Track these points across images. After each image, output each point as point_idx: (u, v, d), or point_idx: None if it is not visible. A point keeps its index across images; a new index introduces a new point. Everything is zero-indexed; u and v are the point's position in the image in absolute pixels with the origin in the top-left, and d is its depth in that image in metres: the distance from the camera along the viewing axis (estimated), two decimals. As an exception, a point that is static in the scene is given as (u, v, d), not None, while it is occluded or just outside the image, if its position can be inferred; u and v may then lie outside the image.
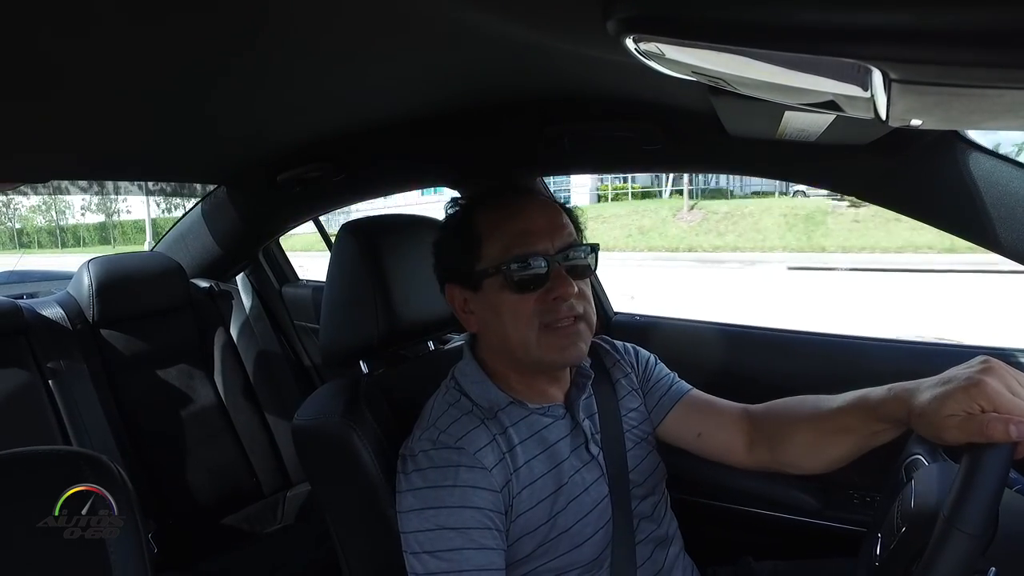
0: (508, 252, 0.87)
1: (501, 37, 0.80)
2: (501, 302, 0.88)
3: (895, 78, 0.42)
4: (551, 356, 0.89)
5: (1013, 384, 0.68)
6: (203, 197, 2.07)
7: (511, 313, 0.88)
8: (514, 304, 0.88)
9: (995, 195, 0.92)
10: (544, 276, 0.87)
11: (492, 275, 0.88)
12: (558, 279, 0.87)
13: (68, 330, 1.79)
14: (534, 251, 0.87)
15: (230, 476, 1.98)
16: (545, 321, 0.87)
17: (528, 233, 0.88)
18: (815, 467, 0.91)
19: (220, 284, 2.17)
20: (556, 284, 0.87)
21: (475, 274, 0.90)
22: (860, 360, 1.36)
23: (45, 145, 1.28)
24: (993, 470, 0.62)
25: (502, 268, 0.87)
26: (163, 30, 0.74)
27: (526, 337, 0.88)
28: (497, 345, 0.93)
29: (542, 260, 0.87)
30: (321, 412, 1.02)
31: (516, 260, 0.87)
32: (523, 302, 0.87)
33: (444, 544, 0.80)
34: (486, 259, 0.89)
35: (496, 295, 0.89)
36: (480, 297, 0.91)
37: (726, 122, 0.95)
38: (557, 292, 0.87)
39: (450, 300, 0.96)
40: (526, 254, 0.87)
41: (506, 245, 0.88)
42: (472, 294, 0.92)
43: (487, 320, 0.92)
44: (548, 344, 0.88)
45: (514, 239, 0.88)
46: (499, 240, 0.88)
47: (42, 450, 0.76)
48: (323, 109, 1.23)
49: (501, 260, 0.87)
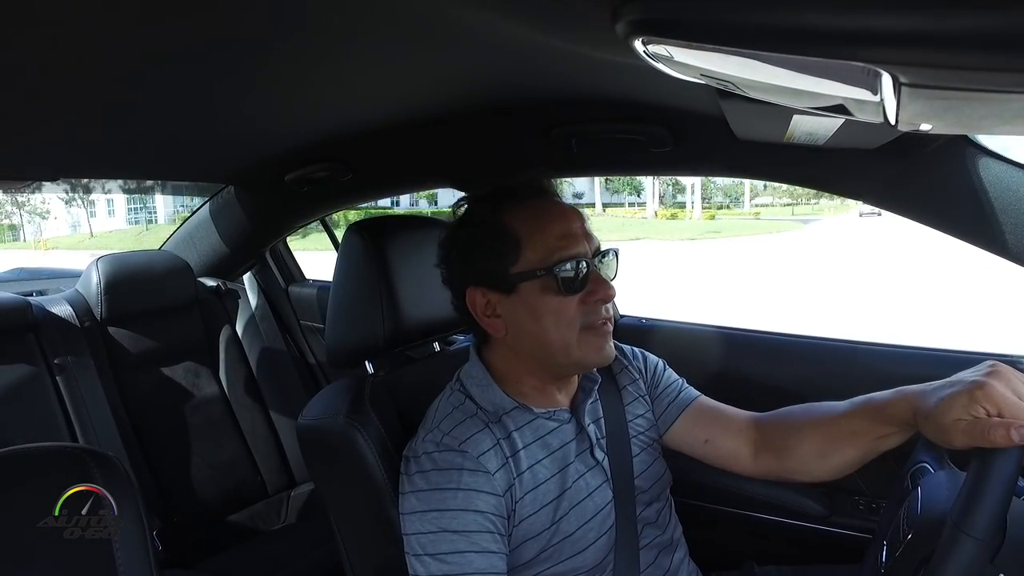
0: (552, 255, 0.87)
1: (510, 39, 0.80)
2: (542, 304, 0.88)
3: (905, 82, 0.42)
4: (591, 356, 0.90)
5: (1019, 388, 0.68)
6: (211, 196, 2.08)
7: (554, 315, 0.87)
8: (558, 306, 0.87)
9: (1005, 201, 0.91)
10: (587, 278, 0.88)
11: (534, 278, 0.87)
12: (598, 282, 0.88)
13: (76, 327, 1.80)
14: (577, 254, 0.87)
15: (234, 475, 1.99)
16: (586, 323, 0.88)
17: (570, 236, 0.88)
18: (822, 474, 0.91)
19: (227, 283, 2.18)
20: (597, 286, 0.88)
21: (510, 277, 0.89)
22: (864, 364, 1.36)
23: (54, 144, 1.29)
24: (1002, 475, 0.62)
25: (551, 270, 0.86)
26: (172, 30, 0.74)
27: (567, 339, 0.88)
28: (527, 348, 0.92)
29: (584, 263, 0.87)
30: (326, 412, 1.02)
31: (562, 262, 0.86)
32: (567, 304, 0.87)
33: (446, 547, 0.80)
34: (525, 261, 0.88)
35: (536, 298, 0.88)
36: (513, 300, 0.89)
37: (734, 125, 0.95)
38: (599, 294, 0.88)
39: (471, 304, 0.93)
40: (570, 256, 0.87)
41: (550, 247, 0.87)
42: (503, 297, 0.90)
43: (520, 323, 0.90)
44: (588, 345, 0.89)
45: (558, 241, 0.87)
46: (543, 241, 0.88)
47: (48, 447, 0.77)
48: (331, 109, 1.23)
49: (544, 263, 0.87)
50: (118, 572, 0.71)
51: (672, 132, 1.19)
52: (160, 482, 1.82)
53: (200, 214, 2.13)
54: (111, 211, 32.32)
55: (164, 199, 27.41)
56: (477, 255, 0.92)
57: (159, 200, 28.31)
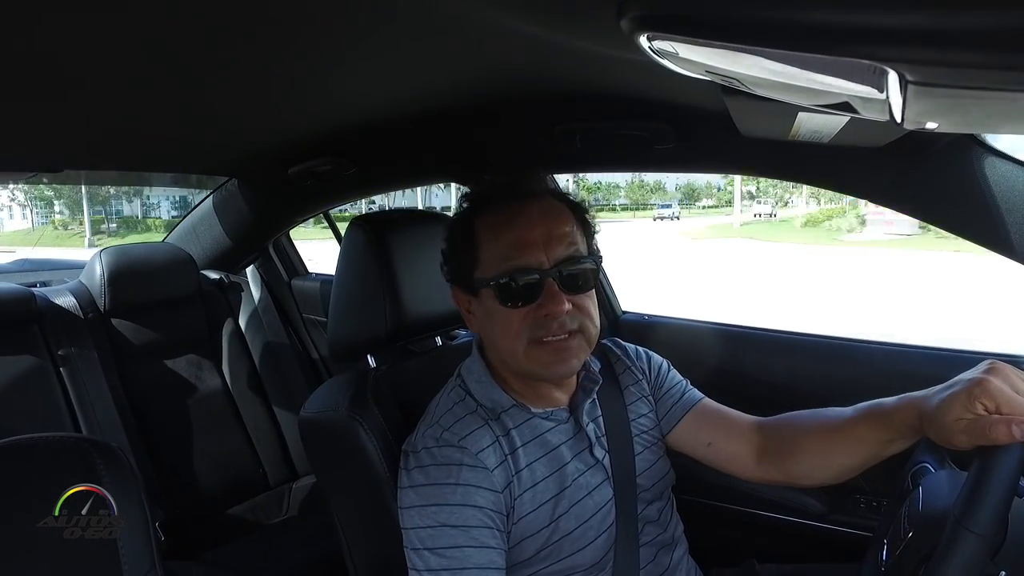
0: (501, 264, 0.86)
1: (514, 34, 0.79)
2: (494, 311, 0.88)
3: (911, 80, 0.42)
4: (538, 371, 0.88)
5: (1018, 384, 0.69)
6: (214, 189, 2.08)
7: (501, 324, 0.87)
8: (504, 316, 0.86)
9: (1011, 200, 0.91)
10: (536, 291, 0.85)
11: (487, 285, 0.87)
12: (550, 295, 0.85)
13: (80, 319, 1.81)
14: (526, 265, 0.85)
15: (236, 467, 2.00)
16: (534, 336, 0.86)
17: (522, 245, 0.85)
18: (825, 479, 0.91)
19: (230, 276, 2.18)
20: (547, 301, 0.85)
21: (473, 281, 0.89)
22: (866, 362, 1.36)
23: (60, 135, 1.29)
24: (1004, 472, 0.62)
25: (493, 281, 0.86)
26: (177, 23, 0.74)
27: (514, 349, 0.87)
28: (493, 351, 0.94)
29: (535, 274, 0.85)
30: (328, 405, 1.02)
31: (507, 274, 0.85)
32: (513, 315, 0.86)
33: (445, 541, 0.81)
34: (482, 267, 0.88)
35: (490, 304, 0.88)
36: (478, 302, 0.91)
37: (739, 122, 0.95)
38: (547, 309, 0.84)
39: (455, 300, 0.96)
40: (518, 268, 0.85)
41: (501, 256, 0.86)
42: (472, 298, 0.92)
43: (483, 326, 0.92)
44: (535, 358, 0.87)
45: (508, 250, 0.86)
46: (495, 250, 0.87)
47: (52, 437, 0.77)
48: (335, 104, 1.23)
49: (495, 271, 0.86)
50: (121, 563, 0.72)
51: (676, 129, 1.18)
52: (162, 474, 1.83)
53: (203, 207, 2.13)
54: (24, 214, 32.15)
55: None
56: (450, 255, 0.94)
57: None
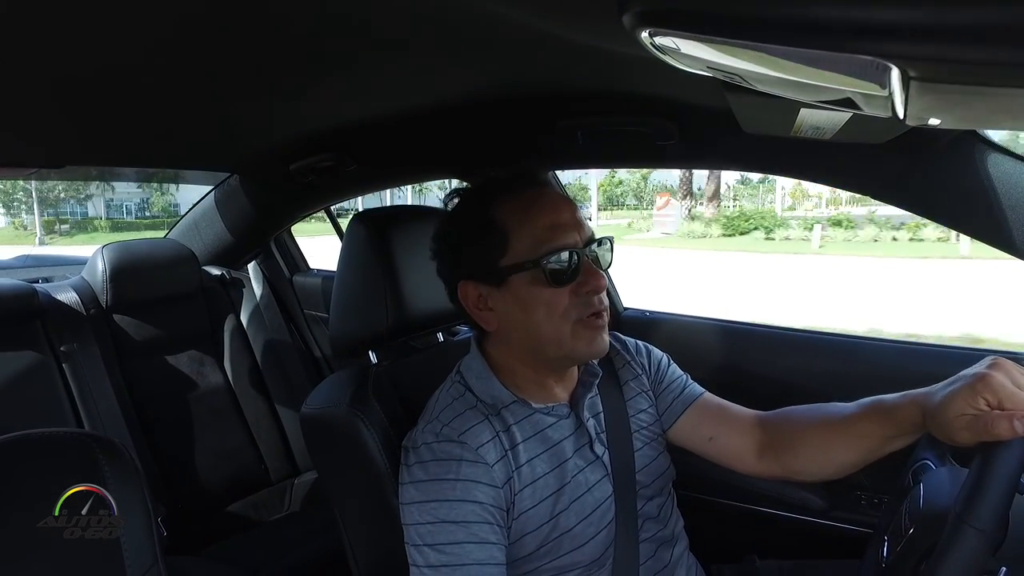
0: (540, 246, 0.86)
1: (515, 29, 0.79)
2: (533, 296, 0.87)
3: (914, 76, 0.42)
4: (583, 349, 0.89)
5: (1019, 379, 0.69)
6: (216, 185, 2.08)
7: (545, 307, 0.87)
8: (549, 298, 0.86)
9: (1014, 197, 0.90)
10: (577, 269, 0.87)
11: (523, 270, 0.86)
12: (589, 272, 0.87)
13: (82, 314, 1.81)
14: (566, 244, 0.86)
15: (238, 463, 2.00)
16: (578, 315, 0.87)
17: (558, 226, 0.87)
18: (826, 474, 0.91)
19: (232, 272, 2.19)
20: (588, 277, 0.87)
21: (499, 270, 0.88)
22: (867, 359, 1.36)
23: (60, 131, 1.29)
24: (1006, 467, 0.62)
25: (538, 262, 0.85)
26: (179, 21, 0.74)
27: (559, 331, 0.87)
28: (519, 341, 0.91)
29: (574, 253, 0.86)
30: (329, 401, 1.02)
31: (549, 254, 0.85)
32: (558, 296, 0.86)
33: (445, 537, 0.81)
34: (514, 254, 0.87)
35: (526, 290, 0.87)
36: (504, 293, 0.89)
37: (741, 119, 0.94)
38: (590, 285, 0.86)
39: (463, 298, 0.93)
40: (559, 247, 0.86)
41: (538, 239, 0.86)
42: (493, 290, 0.90)
43: (512, 316, 0.90)
44: (581, 337, 0.87)
45: (546, 232, 0.86)
46: (529, 234, 0.87)
47: (54, 432, 0.77)
48: (337, 100, 1.23)
49: (532, 254, 0.86)
50: (124, 558, 0.72)
51: (678, 125, 1.18)
52: (164, 469, 1.83)
53: (205, 202, 2.13)
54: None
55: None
56: (467, 248, 0.92)
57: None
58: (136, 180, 4.06)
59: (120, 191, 30.72)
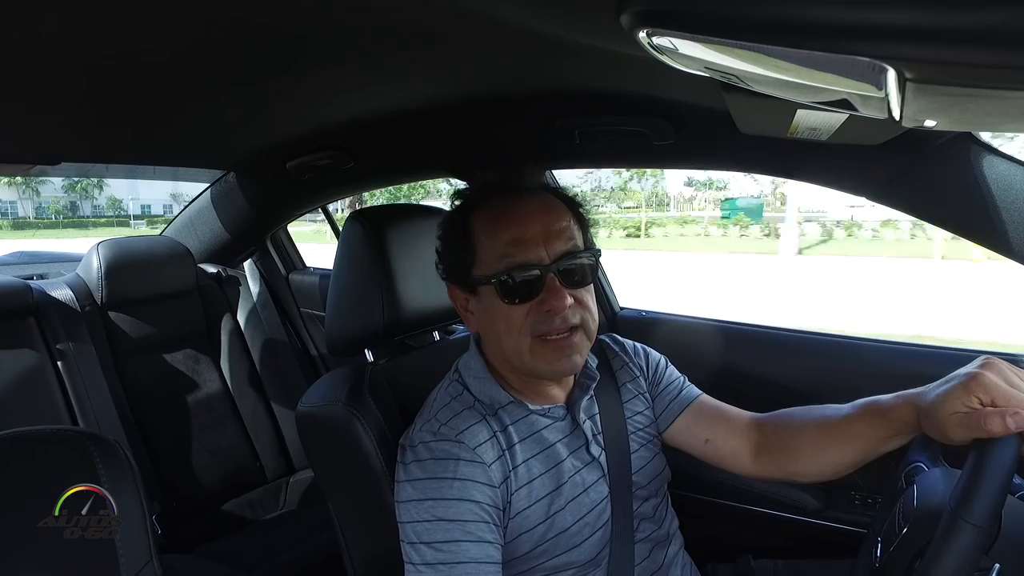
0: (501, 261, 0.85)
1: (514, 29, 0.79)
2: (494, 309, 0.87)
3: (910, 77, 0.42)
4: (543, 367, 0.88)
5: (1011, 377, 0.70)
6: (213, 182, 2.08)
7: (504, 322, 0.87)
8: (507, 313, 0.86)
9: (1008, 199, 0.91)
10: (537, 287, 0.85)
11: (486, 283, 0.87)
12: (551, 291, 0.85)
13: (77, 312, 1.80)
14: (526, 261, 0.85)
15: (234, 461, 2.00)
16: (537, 332, 0.86)
17: (521, 241, 0.85)
18: (822, 476, 0.92)
19: (228, 270, 2.18)
20: (549, 296, 0.85)
21: (472, 279, 0.89)
22: (864, 360, 1.36)
23: (57, 129, 1.29)
24: (999, 463, 0.63)
25: (494, 278, 0.85)
26: (177, 19, 0.74)
27: (519, 346, 0.87)
28: (494, 349, 0.93)
29: (535, 270, 0.85)
30: (325, 399, 1.02)
31: (507, 271, 0.85)
32: (515, 312, 0.86)
33: (441, 535, 0.81)
34: (481, 265, 0.88)
35: (491, 302, 0.87)
36: (477, 301, 0.91)
37: (738, 119, 0.95)
38: (549, 304, 0.84)
39: (452, 299, 0.95)
40: (518, 264, 0.85)
41: (500, 253, 0.86)
42: (470, 296, 0.92)
43: (484, 324, 0.92)
44: (540, 355, 0.87)
45: (507, 247, 0.85)
46: (493, 247, 0.87)
47: (49, 430, 0.77)
48: (335, 98, 1.23)
49: (494, 269, 0.86)
50: (119, 556, 0.72)
51: (675, 125, 1.18)
52: (160, 467, 1.83)
53: (201, 200, 2.13)
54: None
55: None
56: (446, 254, 0.94)
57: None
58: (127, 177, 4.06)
59: (46, 195, 33.75)
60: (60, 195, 34.11)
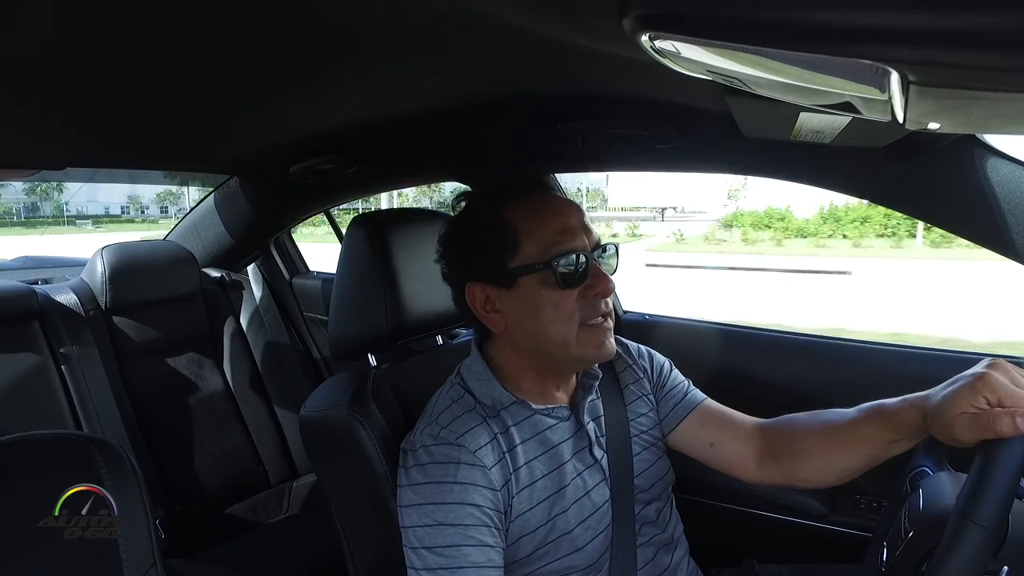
0: (550, 248, 0.87)
1: (516, 32, 0.79)
2: (541, 298, 0.87)
3: (913, 80, 0.42)
4: (590, 352, 0.89)
5: (1018, 378, 0.70)
6: (216, 187, 2.08)
7: (553, 309, 0.87)
8: (557, 300, 0.87)
9: (1013, 201, 0.90)
10: (586, 272, 0.88)
11: (532, 272, 0.87)
12: (598, 276, 0.88)
13: (81, 316, 1.81)
14: (575, 247, 0.87)
15: (237, 465, 2.00)
16: (585, 317, 0.88)
17: (568, 230, 0.88)
18: (828, 481, 0.91)
19: (231, 274, 2.19)
20: (596, 280, 0.88)
21: (509, 271, 0.88)
22: (868, 363, 1.36)
23: (61, 133, 1.29)
24: (1007, 464, 0.62)
25: (549, 264, 0.86)
26: (181, 24, 0.74)
27: (566, 333, 0.88)
28: (526, 344, 0.92)
29: (583, 256, 0.87)
30: (328, 403, 1.02)
31: (561, 255, 0.86)
32: (566, 298, 0.87)
33: (442, 540, 0.81)
34: (524, 256, 0.88)
35: (535, 292, 0.88)
36: (512, 295, 0.90)
37: (741, 123, 0.95)
38: (598, 288, 0.88)
39: (470, 300, 0.93)
40: (567, 250, 0.87)
41: (548, 241, 0.87)
42: (502, 292, 0.90)
43: (519, 318, 0.90)
44: (587, 340, 0.88)
45: (556, 235, 0.87)
46: (540, 237, 0.88)
47: (53, 434, 0.77)
48: (338, 102, 1.23)
49: (543, 256, 0.87)
50: (122, 560, 0.72)
51: (678, 128, 1.18)
52: (163, 471, 1.83)
53: (205, 204, 2.13)
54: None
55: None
56: (476, 250, 0.92)
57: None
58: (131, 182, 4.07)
59: (7, 197, 35.76)
60: (22, 197, 36.80)
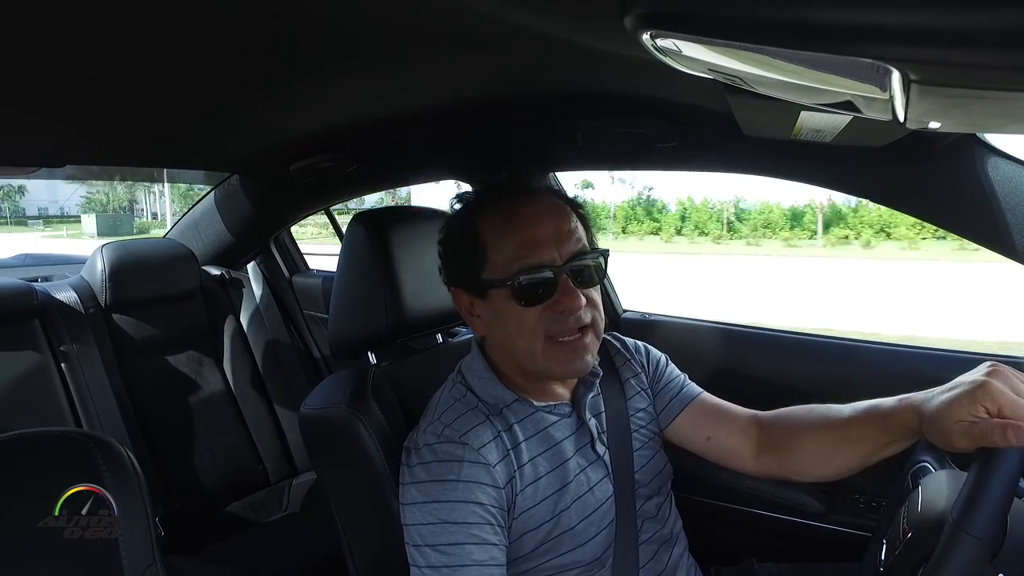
0: (513, 263, 0.85)
1: (517, 31, 0.79)
2: (507, 312, 0.87)
3: (914, 79, 0.42)
4: (555, 368, 0.88)
5: (1018, 386, 0.69)
6: (216, 185, 2.08)
7: (517, 324, 0.87)
8: (520, 316, 0.86)
9: (1013, 201, 0.90)
10: (551, 288, 0.85)
11: (500, 286, 0.86)
12: (565, 291, 0.85)
13: (81, 314, 1.81)
14: (539, 263, 0.85)
15: (237, 463, 2.00)
16: (551, 333, 0.86)
17: (533, 243, 0.86)
18: (822, 476, 0.91)
19: (231, 272, 2.18)
20: (563, 297, 0.85)
21: (481, 282, 0.89)
22: (866, 363, 1.36)
23: (61, 130, 1.29)
24: (1003, 475, 0.62)
25: (508, 281, 0.85)
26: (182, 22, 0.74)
27: (532, 348, 0.87)
28: (503, 351, 0.93)
29: (548, 271, 0.85)
30: (328, 401, 1.02)
31: (521, 273, 0.84)
32: (529, 314, 0.86)
33: (445, 538, 0.81)
34: (491, 269, 0.87)
35: (502, 304, 0.87)
36: (486, 304, 0.90)
37: (742, 122, 0.95)
38: (564, 305, 0.85)
39: (457, 303, 0.95)
40: (532, 266, 0.85)
41: (512, 255, 0.86)
42: (479, 300, 0.91)
43: (493, 327, 0.91)
44: (553, 356, 0.87)
45: (519, 249, 0.85)
46: (504, 250, 0.86)
47: (52, 432, 0.77)
48: (339, 101, 1.23)
49: (507, 271, 0.85)
50: (122, 557, 0.72)
51: (678, 127, 1.18)
52: (163, 469, 1.83)
53: (205, 202, 2.13)
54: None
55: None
56: (454, 258, 0.93)
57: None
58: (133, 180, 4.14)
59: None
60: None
